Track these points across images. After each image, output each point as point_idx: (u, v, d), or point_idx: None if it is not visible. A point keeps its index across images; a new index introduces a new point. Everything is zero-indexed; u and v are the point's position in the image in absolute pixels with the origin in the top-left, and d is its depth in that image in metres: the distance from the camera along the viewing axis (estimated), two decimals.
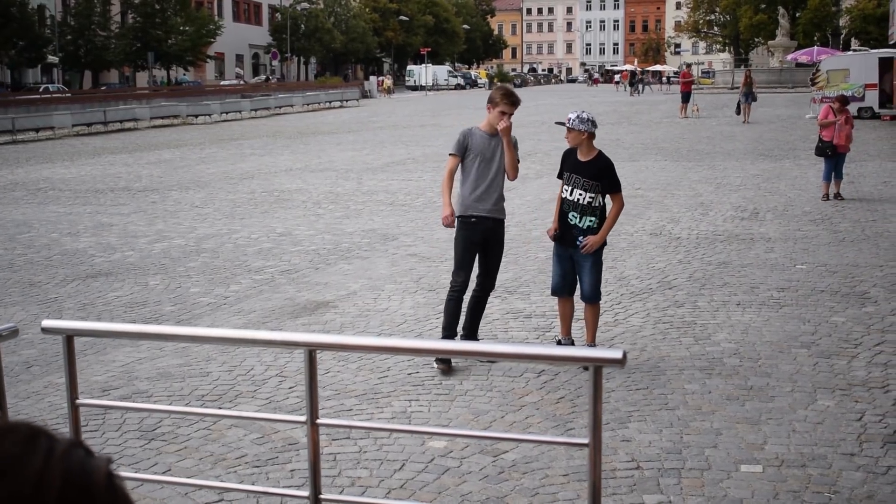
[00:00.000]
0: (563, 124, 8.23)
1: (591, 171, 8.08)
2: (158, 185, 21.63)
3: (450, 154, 8.38)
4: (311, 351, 3.34)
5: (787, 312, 9.62)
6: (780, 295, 10.33)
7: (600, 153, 8.23)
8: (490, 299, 10.49)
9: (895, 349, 8.37)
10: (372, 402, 7.31)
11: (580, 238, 8.08)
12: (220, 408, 7.17)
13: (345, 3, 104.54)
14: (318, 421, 3.37)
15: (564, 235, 8.19)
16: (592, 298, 8.22)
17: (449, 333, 8.31)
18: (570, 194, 8.14)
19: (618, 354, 3.01)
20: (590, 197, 8.07)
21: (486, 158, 8.22)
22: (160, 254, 13.35)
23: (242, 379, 7.90)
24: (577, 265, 8.18)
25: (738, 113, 39.64)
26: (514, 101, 8.22)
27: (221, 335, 4.20)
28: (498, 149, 8.26)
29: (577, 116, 8.12)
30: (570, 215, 8.12)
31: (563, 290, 8.30)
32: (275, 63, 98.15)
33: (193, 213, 17.35)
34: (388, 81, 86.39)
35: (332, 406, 7.15)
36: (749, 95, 39.04)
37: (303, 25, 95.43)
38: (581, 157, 8.15)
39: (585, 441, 3.04)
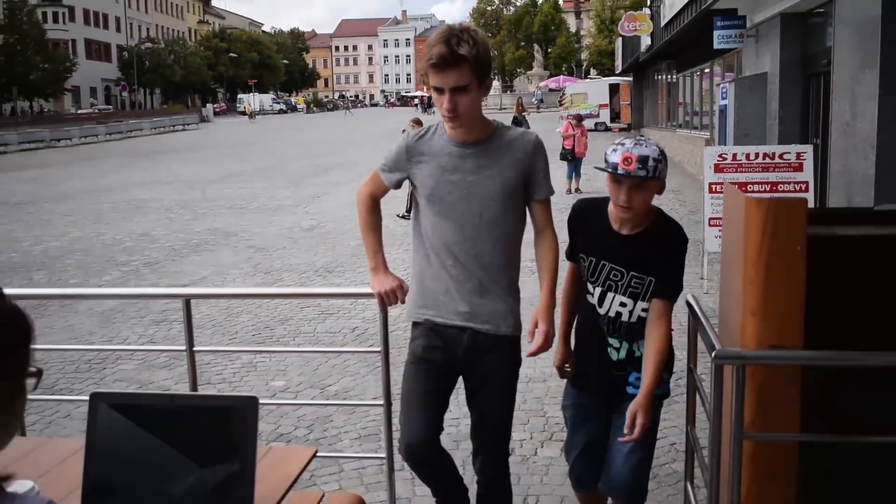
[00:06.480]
0: (627, 175, 3.01)
1: (641, 253, 3.16)
2: (32, 199, 20.99)
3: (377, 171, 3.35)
4: (188, 300, 3.75)
5: None
6: None
7: (661, 214, 3.22)
8: (312, 277, 10.90)
9: None
10: None
11: (631, 386, 3.23)
12: None
13: (182, 43, 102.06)
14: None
15: (603, 381, 3.31)
16: (632, 497, 3.35)
17: (443, 499, 3.41)
18: (602, 304, 3.25)
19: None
20: (642, 306, 3.19)
21: (457, 197, 3.13)
22: (40, 254, 13.18)
23: None
24: (612, 435, 3.31)
25: None
26: (445, 60, 2.89)
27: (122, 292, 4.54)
28: (481, 173, 3.12)
29: (659, 153, 3.07)
30: (610, 343, 3.27)
31: (590, 477, 3.45)
32: (124, 94, 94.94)
33: (64, 220, 17.04)
34: (249, 108, 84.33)
35: None
36: (521, 123, 27.12)
37: (147, 62, 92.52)
38: (624, 229, 3.19)
39: None
